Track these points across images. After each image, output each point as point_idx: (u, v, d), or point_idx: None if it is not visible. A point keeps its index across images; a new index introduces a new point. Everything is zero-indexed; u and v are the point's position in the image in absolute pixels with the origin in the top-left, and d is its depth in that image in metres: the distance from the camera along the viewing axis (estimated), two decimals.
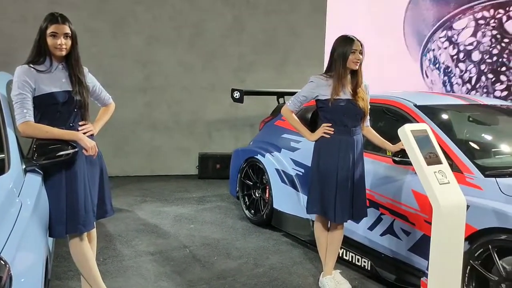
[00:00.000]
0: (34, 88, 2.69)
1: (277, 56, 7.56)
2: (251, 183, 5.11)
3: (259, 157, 4.93)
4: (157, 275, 3.70)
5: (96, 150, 2.84)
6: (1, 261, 1.86)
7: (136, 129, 7.07)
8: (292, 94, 3.60)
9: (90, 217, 2.84)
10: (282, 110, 3.59)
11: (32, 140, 2.75)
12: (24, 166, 2.64)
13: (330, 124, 3.35)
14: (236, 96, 5.82)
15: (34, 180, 2.65)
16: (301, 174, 4.48)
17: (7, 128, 2.76)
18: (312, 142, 3.47)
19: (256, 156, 4.98)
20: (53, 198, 2.73)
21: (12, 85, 2.72)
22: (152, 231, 4.72)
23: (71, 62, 2.80)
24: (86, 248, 2.90)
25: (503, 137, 3.93)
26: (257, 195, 5.06)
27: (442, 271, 2.78)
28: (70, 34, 2.75)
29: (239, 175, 5.22)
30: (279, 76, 7.50)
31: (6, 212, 2.17)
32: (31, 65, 2.72)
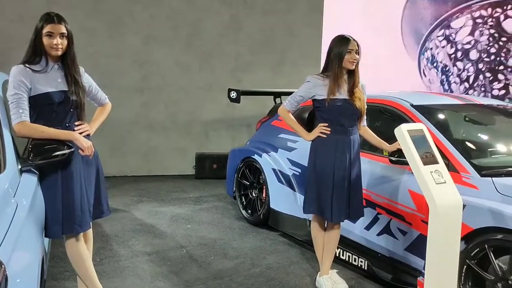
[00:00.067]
0: (30, 88, 2.68)
1: (274, 56, 7.56)
2: (248, 183, 5.11)
3: (256, 157, 4.93)
4: (153, 275, 3.70)
5: (92, 150, 2.83)
6: None
7: (133, 129, 7.06)
8: (289, 94, 3.60)
9: (86, 217, 2.84)
10: (279, 110, 3.60)
11: (28, 140, 2.74)
12: (19, 166, 2.64)
13: (327, 124, 3.35)
14: (233, 96, 5.82)
15: (30, 180, 2.64)
16: (298, 174, 4.48)
17: (3, 128, 2.75)
18: (308, 142, 3.47)
19: (253, 156, 4.98)
20: (49, 198, 2.72)
21: (8, 85, 2.71)
22: (148, 231, 4.71)
23: (67, 62, 2.79)
24: (82, 249, 2.89)
25: (499, 137, 3.94)
26: (254, 195, 5.05)
27: (439, 270, 2.79)
28: (66, 34, 2.75)
29: (236, 175, 5.22)
30: (276, 76, 7.49)
31: (1, 213, 2.16)
32: (26, 65, 2.71)
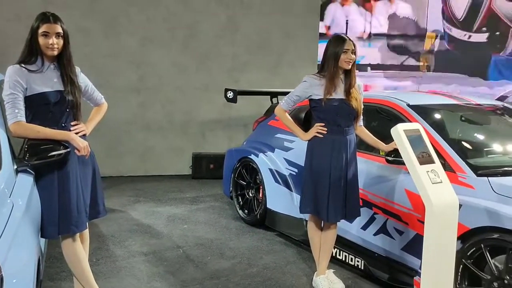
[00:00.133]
0: (26, 88, 2.67)
1: (271, 56, 7.56)
2: (245, 183, 5.10)
3: (253, 157, 4.93)
4: (150, 276, 3.69)
5: (89, 150, 2.83)
6: None
7: (130, 129, 7.04)
8: (285, 94, 3.61)
9: (82, 217, 2.83)
10: (275, 110, 3.60)
11: (24, 140, 2.73)
12: (15, 166, 2.63)
13: (323, 124, 3.35)
14: (229, 96, 5.82)
15: (26, 181, 2.63)
16: (294, 174, 4.49)
17: None
18: (305, 142, 3.47)
19: (249, 156, 4.98)
20: (45, 199, 2.72)
21: (3, 85, 2.70)
22: (145, 231, 4.70)
23: (63, 62, 2.79)
24: (78, 249, 2.88)
25: (495, 136, 3.95)
26: (250, 195, 5.05)
27: (435, 270, 2.79)
28: (62, 34, 2.74)
29: (232, 175, 5.22)
30: (272, 77, 7.49)
31: None
32: (22, 65, 2.70)
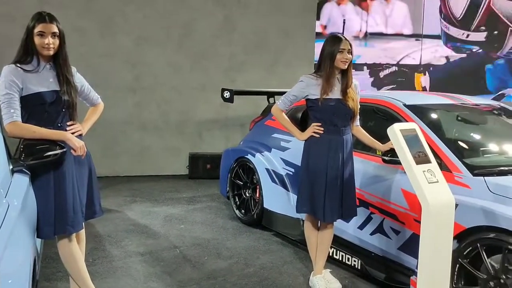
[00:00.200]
0: (22, 88, 2.66)
1: (267, 56, 7.56)
2: (242, 183, 5.10)
3: (249, 157, 4.93)
4: (146, 276, 3.69)
5: (85, 150, 2.82)
6: None
7: (126, 129, 7.03)
8: (282, 93, 3.60)
9: (78, 217, 2.82)
10: (272, 109, 3.60)
11: (20, 141, 2.72)
12: (11, 167, 2.62)
13: (320, 124, 3.35)
14: (226, 96, 5.81)
15: (22, 181, 2.62)
16: (291, 173, 4.49)
17: None
18: (302, 142, 3.47)
19: (246, 156, 4.98)
20: (41, 199, 2.71)
21: None
22: (142, 231, 4.69)
23: (59, 62, 2.78)
24: (74, 249, 2.88)
25: (492, 136, 3.96)
26: (247, 195, 5.05)
27: (431, 269, 2.79)
28: (57, 33, 2.73)
29: (229, 175, 5.21)
30: (269, 77, 7.49)
31: None
32: (18, 64, 2.69)
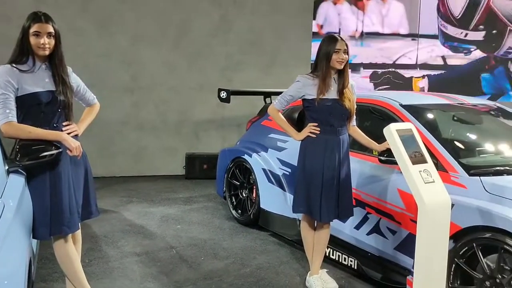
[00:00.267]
0: (17, 88, 2.65)
1: (264, 56, 7.55)
2: (238, 183, 5.10)
3: (246, 157, 4.92)
4: (143, 276, 3.68)
5: (81, 150, 2.81)
6: None
7: (123, 129, 7.02)
8: (279, 94, 3.60)
9: (74, 218, 2.81)
10: (268, 109, 3.60)
11: (15, 141, 2.71)
12: (6, 167, 2.61)
13: (316, 124, 3.36)
14: (222, 96, 5.81)
15: (17, 181, 2.62)
16: (288, 173, 4.48)
17: None
18: (298, 142, 3.47)
19: (243, 156, 4.98)
20: (37, 199, 2.70)
21: None
22: (138, 232, 4.69)
23: (54, 62, 2.77)
24: (70, 250, 2.87)
25: (488, 136, 3.97)
26: (244, 195, 5.05)
27: (428, 269, 2.80)
28: (53, 33, 2.72)
29: (226, 175, 5.21)
30: (266, 76, 7.48)
31: None
32: (13, 64, 2.68)
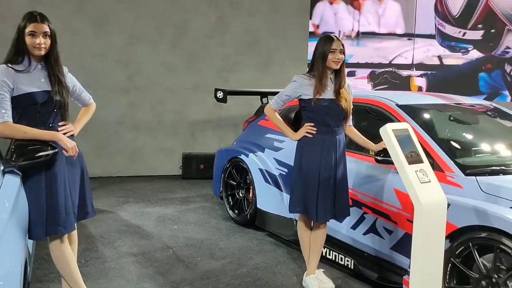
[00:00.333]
0: (13, 88, 2.64)
1: (260, 56, 7.56)
2: (235, 183, 5.10)
3: (243, 157, 4.92)
4: (139, 276, 3.68)
5: (77, 150, 2.80)
6: None
7: (119, 129, 7.01)
8: (275, 94, 3.60)
9: (70, 218, 2.81)
10: (265, 109, 3.60)
11: (11, 141, 2.71)
12: (2, 167, 2.60)
13: (313, 124, 3.36)
14: (219, 96, 5.81)
15: (13, 182, 2.61)
16: (284, 173, 4.49)
17: None
18: (295, 142, 3.47)
19: (239, 156, 4.97)
20: (32, 200, 2.69)
21: None
22: (134, 232, 4.68)
23: (50, 62, 2.76)
24: (66, 250, 2.86)
25: (483, 136, 3.98)
26: (240, 195, 5.05)
27: (424, 269, 2.80)
28: (49, 33, 2.72)
29: (222, 175, 5.21)
30: (263, 77, 7.49)
31: None
32: (9, 64, 2.67)
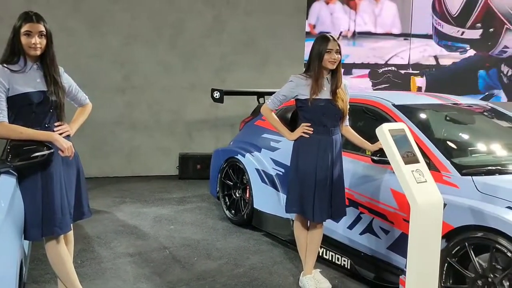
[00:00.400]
0: (8, 89, 2.63)
1: (257, 56, 7.55)
2: (232, 183, 5.09)
3: (239, 157, 4.92)
4: (136, 277, 3.67)
5: (73, 151, 2.80)
6: None
7: (115, 129, 6.99)
8: (272, 94, 3.60)
9: (66, 219, 2.80)
10: (261, 109, 3.60)
11: (6, 141, 2.70)
12: None
13: (309, 124, 3.36)
14: (216, 96, 5.80)
15: (8, 182, 2.60)
16: (281, 173, 4.49)
17: None
18: (291, 142, 3.47)
19: (236, 156, 4.97)
20: (28, 200, 2.68)
21: None
22: (131, 232, 4.67)
23: (46, 62, 2.75)
24: (62, 251, 2.85)
25: (480, 136, 3.99)
26: (237, 195, 5.04)
27: (420, 268, 2.80)
28: (45, 33, 2.71)
29: (219, 175, 5.20)
30: (259, 76, 7.48)
31: None
32: (4, 64, 2.66)
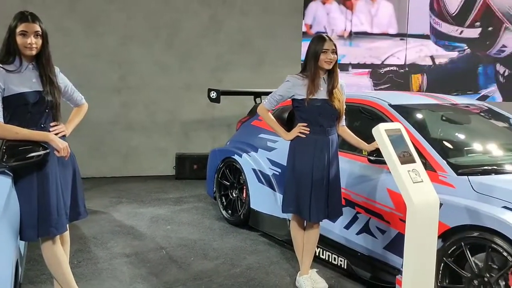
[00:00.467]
0: (4, 89, 2.63)
1: (254, 56, 7.55)
2: (228, 183, 5.09)
3: (236, 157, 4.92)
4: (132, 277, 3.66)
5: (69, 151, 2.79)
6: None
7: (112, 129, 6.98)
8: (269, 94, 3.60)
9: (62, 219, 2.79)
10: (258, 109, 3.59)
11: (2, 142, 2.69)
12: None
13: (306, 124, 3.36)
14: (212, 96, 5.80)
15: (4, 182, 2.59)
16: (277, 174, 4.49)
17: None
18: (288, 142, 3.47)
19: (233, 156, 4.97)
20: (24, 201, 2.67)
21: None
22: (128, 232, 4.66)
23: (41, 62, 2.75)
24: (59, 251, 2.85)
25: (476, 136, 4.00)
26: (234, 195, 5.04)
27: (416, 268, 2.81)
28: (40, 33, 2.70)
29: (216, 176, 5.20)
30: (256, 76, 7.48)
31: None
32: (0, 64, 2.66)
